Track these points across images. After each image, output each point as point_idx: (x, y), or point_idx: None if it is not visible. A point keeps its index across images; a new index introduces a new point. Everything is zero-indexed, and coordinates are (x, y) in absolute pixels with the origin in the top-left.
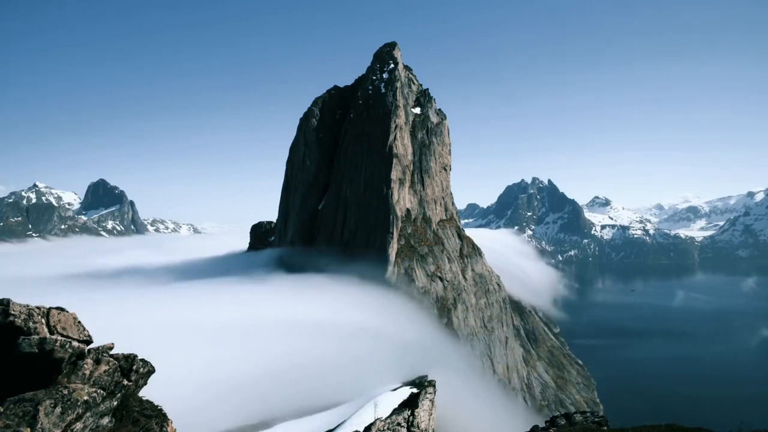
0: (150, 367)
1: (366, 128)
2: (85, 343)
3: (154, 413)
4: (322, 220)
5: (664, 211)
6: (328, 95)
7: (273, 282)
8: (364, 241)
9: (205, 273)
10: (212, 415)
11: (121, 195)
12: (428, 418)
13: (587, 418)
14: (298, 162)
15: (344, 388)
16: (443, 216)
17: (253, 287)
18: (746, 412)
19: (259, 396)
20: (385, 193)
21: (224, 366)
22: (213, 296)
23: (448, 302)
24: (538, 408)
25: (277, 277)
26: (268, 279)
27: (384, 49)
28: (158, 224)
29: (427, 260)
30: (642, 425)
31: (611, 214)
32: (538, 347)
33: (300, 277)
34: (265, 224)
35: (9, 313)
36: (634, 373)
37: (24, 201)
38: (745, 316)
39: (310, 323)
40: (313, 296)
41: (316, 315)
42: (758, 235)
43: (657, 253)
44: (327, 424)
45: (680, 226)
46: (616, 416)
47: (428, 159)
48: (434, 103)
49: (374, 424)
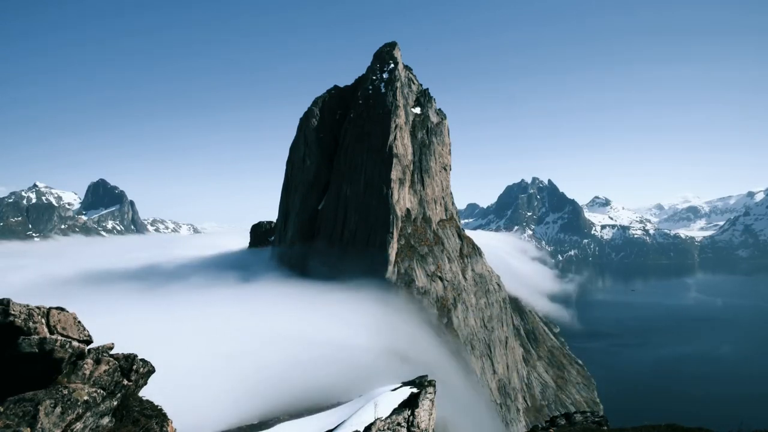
0: (150, 367)
1: (366, 128)
2: (85, 343)
3: (154, 413)
4: (322, 219)
5: (664, 211)
6: (329, 95)
7: (272, 282)
8: (365, 241)
9: (206, 273)
10: (212, 415)
11: (121, 195)
12: (428, 418)
13: (587, 418)
14: (298, 162)
15: (344, 388)
16: (443, 216)
17: (253, 288)
18: (746, 412)
19: (259, 396)
20: (385, 193)
21: (224, 366)
22: (213, 297)
23: (448, 302)
24: (538, 408)
25: (277, 278)
26: (267, 280)
27: (384, 49)
28: (158, 224)
29: (427, 260)
30: (642, 425)
31: (611, 214)
32: (538, 347)
33: (299, 278)
34: (265, 224)
35: (9, 313)
36: (634, 373)
37: (24, 201)
38: (745, 316)
39: (310, 323)
40: (313, 296)
41: (316, 315)
42: (758, 235)
43: (657, 253)
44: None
45: (680, 226)
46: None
47: (428, 159)
48: (434, 103)
49: (374, 424)
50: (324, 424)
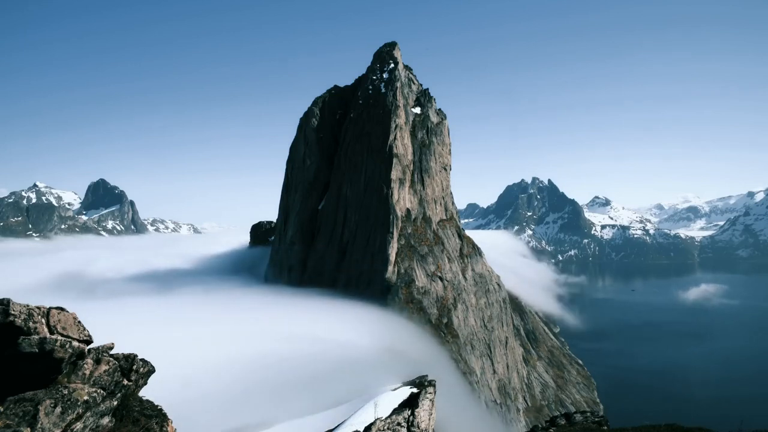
0: (150, 367)
1: (366, 128)
2: (85, 342)
3: (154, 413)
4: (322, 219)
5: (664, 211)
6: (329, 95)
7: (272, 283)
8: (364, 241)
9: (205, 274)
10: (212, 415)
11: (121, 195)
12: (428, 418)
13: (587, 418)
14: (299, 162)
15: (344, 388)
16: (443, 216)
17: (253, 288)
18: (746, 412)
19: (259, 396)
20: (385, 193)
21: (224, 365)
22: (212, 297)
23: (448, 302)
24: (538, 408)
25: (276, 278)
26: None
27: (384, 48)
28: (158, 224)
29: (427, 260)
30: (642, 425)
31: (611, 214)
32: (538, 347)
33: (299, 278)
34: (265, 224)
35: (9, 312)
36: (634, 372)
37: (24, 201)
38: (745, 316)
39: (310, 323)
40: (312, 297)
41: (316, 315)
42: (758, 235)
43: (657, 253)
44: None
45: (680, 226)
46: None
47: (428, 159)
48: (434, 102)
49: (374, 424)
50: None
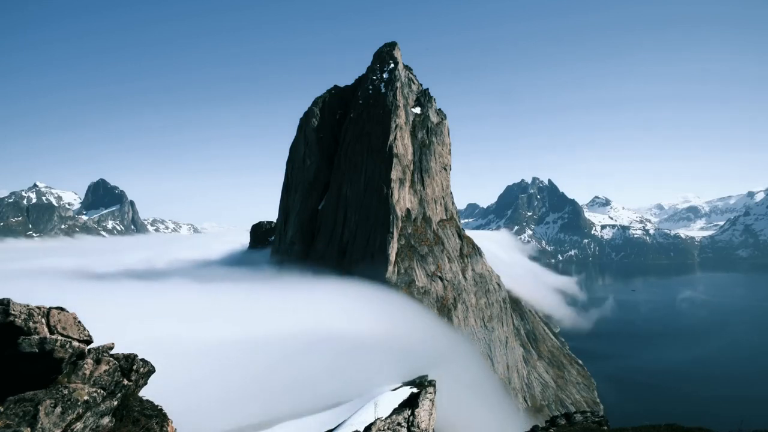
0: (150, 367)
1: (366, 128)
2: (86, 342)
3: (154, 413)
4: (322, 219)
5: (664, 211)
6: (329, 95)
7: (271, 283)
8: (365, 241)
9: (205, 274)
10: (212, 415)
11: (121, 195)
12: (428, 418)
13: (587, 418)
14: (299, 162)
15: (344, 388)
16: (443, 216)
17: (252, 288)
18: (746, 412)
19: (258, 396)
20: (385, 193)
21: (224, 365)
22: (212, 298)
23: (448, 302)
24: (538, 408)
25: (276, 278)
26: (267, 280)
27: (384, 49)
28: (158, 224)
29: (427, 260)
30: (642, 425)
31: (611, 214)
32: (538, 347)
33: (299, 278)
34: (265, 224)
35: (9, 312)
36: (634, 372)
37: (24, 201)
38: (745, 316)
39: (309, 323)
40: (312, 297)
41: (315, 315)
42: (758, 235)
43: (657, 253)
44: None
45: (680, 226)
46: (616, 416)
47: (428, 159)
48: (434, 102)
49: (374, 424)
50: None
